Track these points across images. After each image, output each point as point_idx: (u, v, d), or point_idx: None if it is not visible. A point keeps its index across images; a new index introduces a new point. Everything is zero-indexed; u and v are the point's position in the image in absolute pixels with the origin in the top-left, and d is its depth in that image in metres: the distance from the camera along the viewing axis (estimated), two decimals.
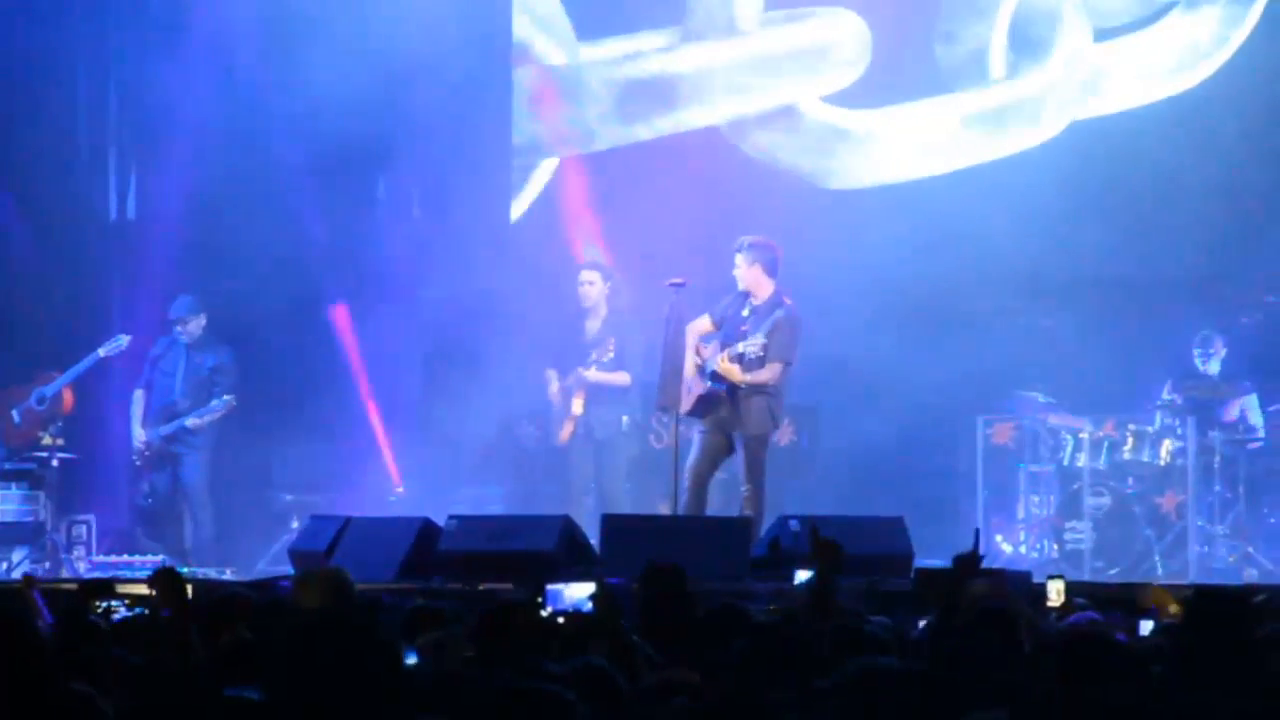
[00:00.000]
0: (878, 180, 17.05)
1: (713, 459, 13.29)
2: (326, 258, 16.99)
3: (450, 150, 17.15)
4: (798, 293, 13.52)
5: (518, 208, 17.62)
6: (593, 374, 14.92)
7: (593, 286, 15.37)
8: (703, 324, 13.54)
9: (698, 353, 13.40)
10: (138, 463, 15.62)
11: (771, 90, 17.24)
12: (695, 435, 13.34)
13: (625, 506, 14.93)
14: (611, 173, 17.24)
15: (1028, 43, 16.77)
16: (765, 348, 13.01)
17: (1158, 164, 16.03)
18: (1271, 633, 6.11)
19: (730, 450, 13.28)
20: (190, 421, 15.32)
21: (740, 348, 13.05)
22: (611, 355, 14.92)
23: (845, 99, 17.14)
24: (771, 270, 13.28)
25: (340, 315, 17.03)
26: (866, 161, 17.12)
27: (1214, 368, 15.43)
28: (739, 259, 13.27)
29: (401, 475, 16.82)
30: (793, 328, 13.13)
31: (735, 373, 13.09)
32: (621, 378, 15.02)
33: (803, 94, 17.20)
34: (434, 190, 17.40)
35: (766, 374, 13.09)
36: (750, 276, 13.26)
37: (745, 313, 13.26)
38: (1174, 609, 8.34)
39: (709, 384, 13.16)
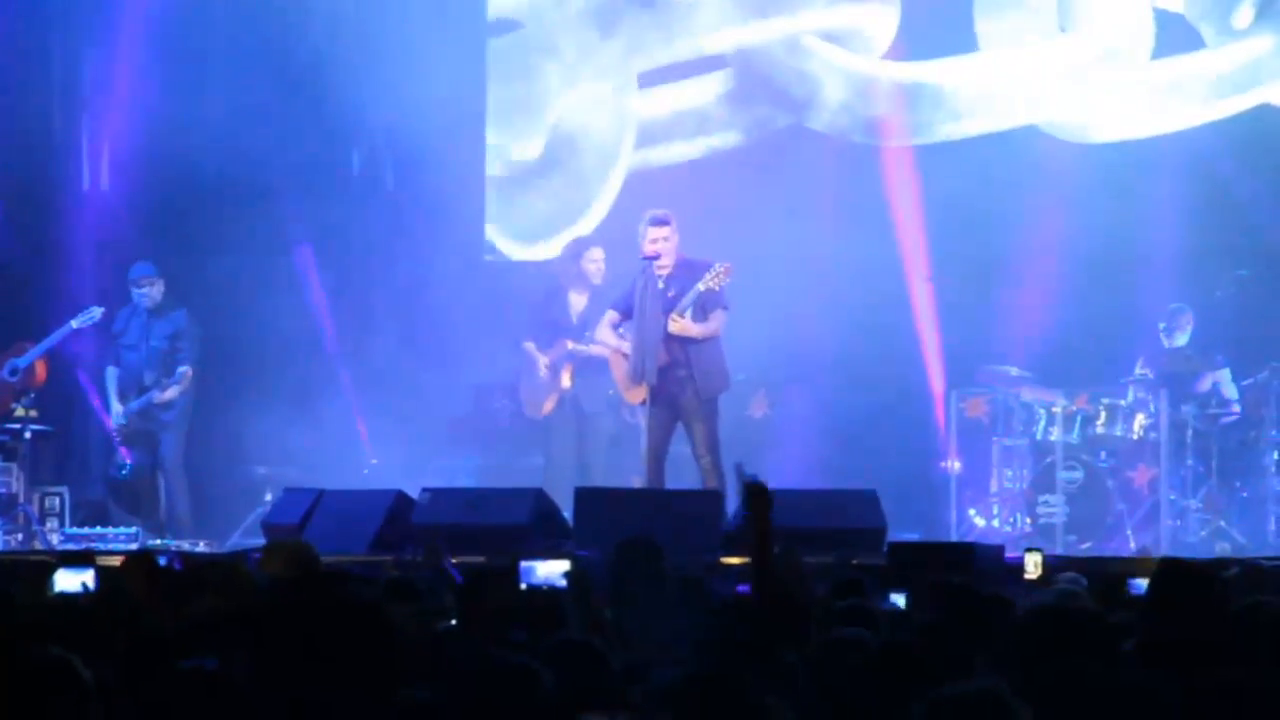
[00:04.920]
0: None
1: (666, 434, 13.29)
2: (300, 232, 16.94)
3: (425, 124, 17.08)
4: (746, 269, 13.54)
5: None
6: (597, 348, 14.61)
7: (601, 264, 15.29)
8: (610, 318, 13.57)
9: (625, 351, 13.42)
10: (118, 439, 15.57)
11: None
12: (640, 418, 13.31)
13: (603, 480, 14.89)
14: None
15: None
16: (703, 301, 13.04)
17: (1131, 142, 16.08)
18: (1242, 607, 6.12)
19: (675, 423, 13.28)
20: (156, 397, 15.27)
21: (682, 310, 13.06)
22: None
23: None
24: None
25: (315, 288, 17.01)
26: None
27: (1181, 340, 15.46)
28: (665, 231, 13.24)
29: (375, 448, 16.81)
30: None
31: (692, 327, 13.11)
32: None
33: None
34: (408, 162, 17.34)
35: (715, 323, 13.14)
36: (674, 245, 13.26)
37: (660, 285, 13.23)
38: None
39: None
